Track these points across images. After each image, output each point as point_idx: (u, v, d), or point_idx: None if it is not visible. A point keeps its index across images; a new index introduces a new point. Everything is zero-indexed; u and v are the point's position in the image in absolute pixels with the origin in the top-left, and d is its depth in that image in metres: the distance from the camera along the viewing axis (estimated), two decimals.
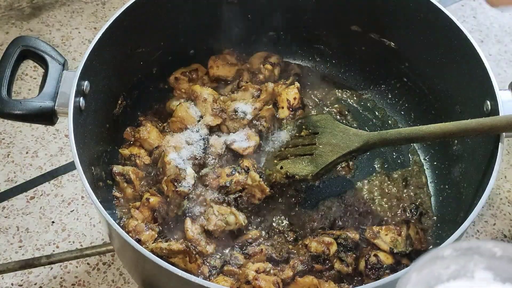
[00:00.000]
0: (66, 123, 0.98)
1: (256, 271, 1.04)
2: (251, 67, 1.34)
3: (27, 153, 1.36)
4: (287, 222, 1.16)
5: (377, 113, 1.34)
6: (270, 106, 1.24)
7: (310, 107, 1.32)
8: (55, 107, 1.01)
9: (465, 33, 1.09)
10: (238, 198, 1.14)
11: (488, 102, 1.03)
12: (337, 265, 1.08)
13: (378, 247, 1.10)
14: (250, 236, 1.12)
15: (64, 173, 1.34)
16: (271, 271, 1.06)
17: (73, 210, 1.29)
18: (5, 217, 1.27)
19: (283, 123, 1.25)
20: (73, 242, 1.24)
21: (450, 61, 1.16)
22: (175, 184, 1.11)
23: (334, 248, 1.09)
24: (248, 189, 1.14)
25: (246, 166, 1.16)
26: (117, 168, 1.16)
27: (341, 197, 1.20)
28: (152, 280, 0.99)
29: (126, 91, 1.23)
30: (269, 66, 1.32)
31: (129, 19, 1.12)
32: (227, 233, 1.12)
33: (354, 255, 1.10)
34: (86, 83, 1.03)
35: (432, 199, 1.22)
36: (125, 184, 1.16)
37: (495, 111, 1.01)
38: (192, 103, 1.25)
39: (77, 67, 1.02)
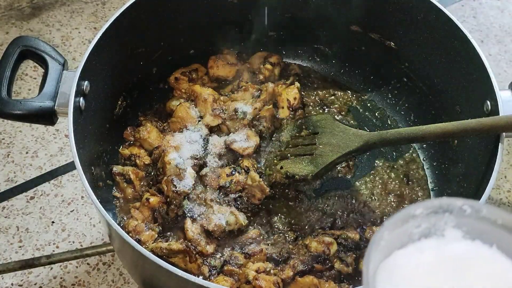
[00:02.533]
0: (66, 123, 0.99)
1: (256, 271, 1.04)
2: (251, 67, 1.34)
3: (27, 153, 1.36)
4: (287, 222, 1.16)
5: (377, 113, 1.34)
6: (270, 106, 1.24)
7: (310, 107, 1.32)
8: (55, 107, 1.01)
9: (465, 33, 1.09)
10: (238, 198, 1.14)
11: (488, 102, 1.03)
12: (337, 265, 1.08)
13: None
14: (250, 236, 1.12)
15: (64, 173, 1.34)
16: (271, 271, 1.06)
17: (73, 210, 1.29)
18: (5, 217, 1.27)
19: (283, 123, 1.25)
20: (73, 242, 1.24)
21: (450, 61, 1.16)
22: (175, 184, 1.11)
23: (334, 248, 1.09)
24: (248, 189, 1.14)
25: (246, 166, 1.16)
26: (117, 168, 1.16)
27: (341, 197, 1.20)
28: (152, 280, 0.99)
29: (126, 91, 1.23)
30: (269, 66, 1.32)
31: (129, 19, 1.12)
32: (227, 233, 1.12)
33: (354, 255, 1.10)
34: (86, 83, 1.03)
35: (432, 199, 1.21)
36: (125, 184, 1.16)
37: (495, 111, 1.01)
38: (192, 103, 1.25)
39: (77, 67, 1.02)
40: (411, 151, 1.28)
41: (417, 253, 0.59)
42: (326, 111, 1.32)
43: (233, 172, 1.14)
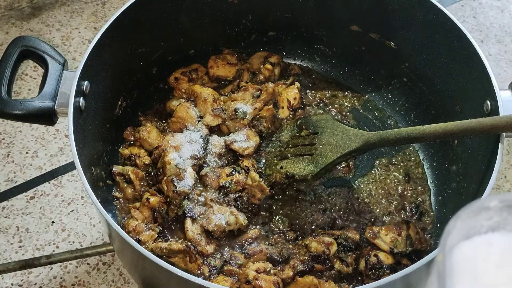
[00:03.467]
0: (66, 123, 0.99)
1: (256, 271, 1.04)
2: (251, 67, 1.34)
3: (27, 153, 1.36)
4: (287, 222, 1.16)
5: (377, 113, 1.34)
6: (270, 106, 1.24)
7: (310, 107, 1.32)
8: (55, 107, 1.01)
9: (465, 33, 1.09)
10: (238, 198, 1.14)
11: (488, 102, 1.03)
12: (337, 265, 1.08)
13: (378, 247, 1.10)
14: (250, 236, 1.12)
15: (64, 173, 1.34)
16: (271, 271, 1.06)
17: (73, 210, 1.29)
18: (5, 217, 1.27)
19: (283, 123, 1.25)
20: (73, 242, 1.24)
21: (450, 61, 1.16)
22: (175, 184, 1.11)
23: (334, 248, 1.09)
24: (248, 189, 1.14)
25: (246, 166, 1.16)
26: (117, 168, 1.16)
27: (341, 197, 1.20)
28: (152, 280, 0.99)
29: (126, 91, 1.23)
30: (269, 66, 1.32)
31: (129, 19, 1.12)
32: (227, 233, 1.12)
33: (354, 255, 1.10)
34: (86, 83, 1.03)
35: (432, 198, 1.22)
36: (125, 184, 1.16)
37: (495, 111, 1.01)
38: (192, 103, 1.25)
39: (77, 67, 1.02)
40: (411, 151, 1.28)
41: (485, 245, 0.58)
42: (326, 111, 1.32)
43: (233, 172, 1.14)
